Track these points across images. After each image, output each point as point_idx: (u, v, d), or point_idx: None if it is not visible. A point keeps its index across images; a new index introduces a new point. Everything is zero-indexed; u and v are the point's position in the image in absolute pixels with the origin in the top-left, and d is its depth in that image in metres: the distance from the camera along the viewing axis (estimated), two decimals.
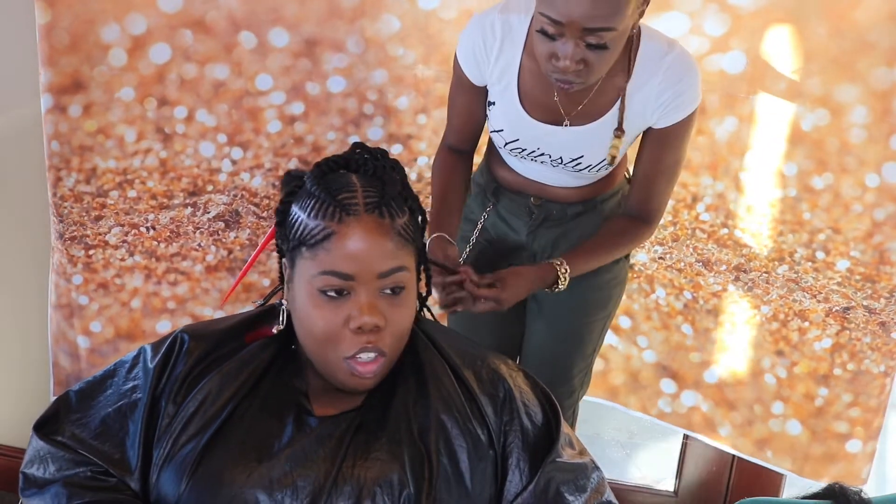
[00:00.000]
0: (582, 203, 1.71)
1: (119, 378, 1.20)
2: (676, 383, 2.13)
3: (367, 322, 1.07)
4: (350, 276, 1.07)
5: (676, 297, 2.07)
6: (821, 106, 1.81)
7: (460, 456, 1.12)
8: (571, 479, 1.16)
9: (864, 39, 1.74)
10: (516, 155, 1.66)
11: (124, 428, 1.16)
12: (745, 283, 1.99)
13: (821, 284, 1.93)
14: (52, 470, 1.16)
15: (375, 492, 1.08)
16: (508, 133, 1.62)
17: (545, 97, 1.58)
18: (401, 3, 1.87)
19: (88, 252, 2.01)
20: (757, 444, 2.09)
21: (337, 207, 1.07)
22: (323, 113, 1.96)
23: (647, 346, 2.14)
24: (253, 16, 1.87)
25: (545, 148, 1.61)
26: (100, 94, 1.89)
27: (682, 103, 1.55)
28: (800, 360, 1.99)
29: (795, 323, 1.97)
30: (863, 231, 1.86)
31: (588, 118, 1.58)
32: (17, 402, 2.24)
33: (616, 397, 2.20)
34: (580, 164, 1.61)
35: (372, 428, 1.13)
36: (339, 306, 1.08)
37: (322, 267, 1.08)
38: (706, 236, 2.00)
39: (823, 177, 1.86)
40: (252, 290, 2.11)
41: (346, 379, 1.11)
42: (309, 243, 1.08)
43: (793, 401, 2.02)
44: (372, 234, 1.07)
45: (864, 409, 1.98)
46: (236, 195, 2.02)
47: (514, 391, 1.18)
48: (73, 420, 1.18)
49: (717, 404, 2.10)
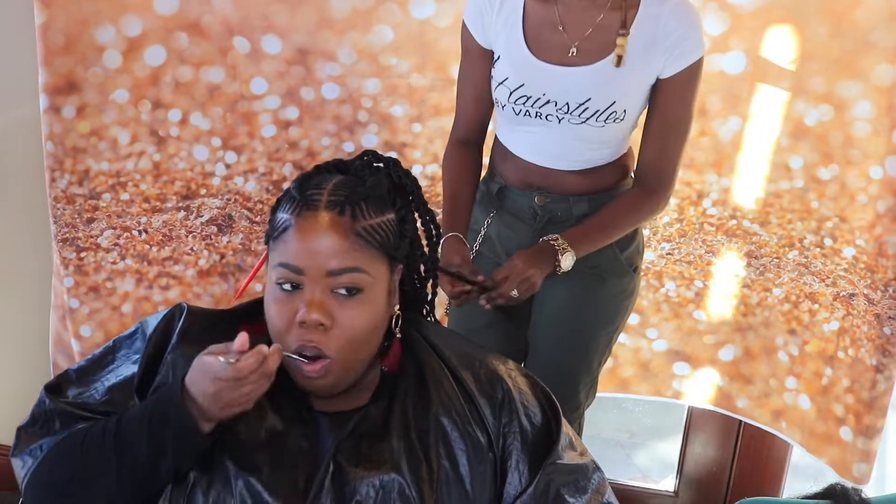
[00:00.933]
0: (587, 200, 1.68)
1: (120, 353, 1.20)
2: (690, 365, 2.13)
3: (309, 318, 1.06)
4: (300, 269, 1.07)
5: (687, 287, 2.07)
6: (824, 102, 1.82)
7: (460, 459, 1.12)
8: (572, 481, 1.15)
9: (865, 39, 1.75)
10: (521, 112, 1.63)
11: (130, 396, 1.15)
12: (756, 268, 2.01)
13: (829, 270, 1.95)
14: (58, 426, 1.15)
15: (377, 493, 1.08)
16: (513, 79, 1.61)
17: (550, 33, 1.58)
18: (393, 13, 1.86)
19: (80, 255, 1.99)
20: (773, 415, 2.11)
21: (300, 202, 1.09)
22: (318, 118, 1.95)
23: (658, 337, 2.12)
24: (246, 21, 1.86)
25: (551, 93, 1.59)
26: (94, 95, 1.88)
27: (688, 48, 1.55)
28: (810, 339, 2.02)
29: (806, 304, 2.00)
30: (867, 221, 1.88)
31: (593, 57, 1.57)
32: (16, 403, 2.19)
33: (627, 388, 2.19)
34: (587, 108, 1.58)
35: (373, 428, 1.13)
36: (292, 300, 1.08)
37: (279, 259, 1.09)
38: (714, 229, 2.00)
39: (829, 168, 1.87)
40: (246, 297, 2.07)
41: (302, 380, 1.10)
42: (273, 235, 1.11)
43: (804, 377, 2.04)
44: (326, 231, 1.07)
45: (856, 399, 1.98)
46: (230, 199, 2.00)
47: (512, 392, 1.17)
48: (75, 394, 1.18)
49: (734, 379, 2.11)
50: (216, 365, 1.00)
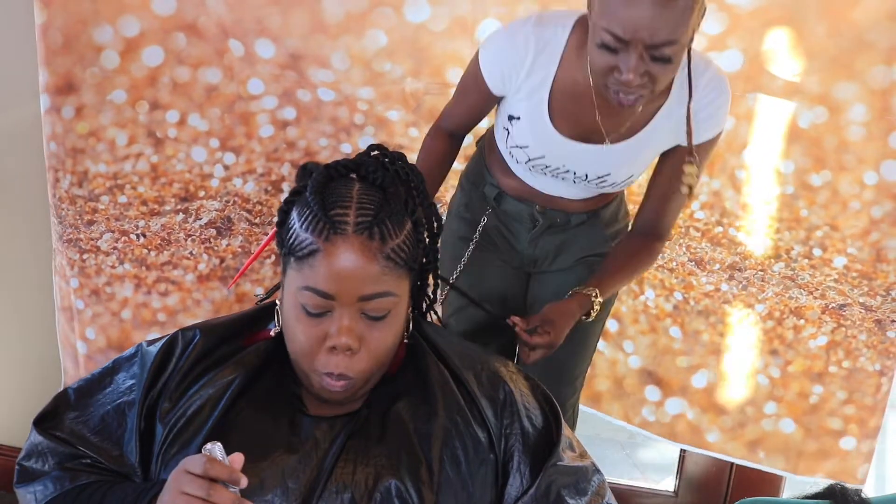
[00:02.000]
0: (587, 212, 1.69)
1: (118, 376, 1.20)
2: (661, 390, 2.10)
3: (341, 343, 1.07)
4: (331, 295, 1.06)
5: (666, 299, 2.05)
6: (819, 104, 1.81)
7: (461, 460, 1.11)
8: (572, 483, 1.15)
9: (863, 39, 1.74)
10: (536, 170, 1.62)
11: (122, 425, 1.16)
12: (740, 281, 1.97)
13: (817, 281, 1.92)
14: (52, 463, 1.17)
15: (375, 497, 1.07)
16: (534, 150, 1.57)
17: (583, 115, 1.52)
18: (387, 17, 1.84)
19: (83, 256, 1.99)
20: (749, 446, 2.07)
21: (327, 224, 1.06)
22: (315, 119, 1.94)
23: (633, 352, 2.11)
24: (239, 24, 1.85)
25: (572, 165, 1.57)
26: (91, 96, 1.87)
27: (715, 123, 1.53)
28: (794, 359, 1.99)
29: (791, 321, 1.97)
30: (860, 228, 1.86)
31: (623, 136, 1.54)
32: (17, 402, 2.21)
33: (599, 404, 2.17)
34: (605, 181, 1.58)
35: (370, 432, 1.12)
36: (319, 323, 1.08)
37: (305, 282, 1.07)
38: (700, 234, 1.98)
39: (821, 174, 1.86)
40: (245, 301, 2.07)
41: (319, 388, 1.11)
42: (297, 255, 1.08)
43: (786, 400, 2.01)
44: (358, 257, 1.05)
45: (858, 407, 1.97)
46: (228, 201, 2.00)
47: (514, 394, 1.17)
48: (72, 418, 1.19)
49: (705, 410, 2.08)
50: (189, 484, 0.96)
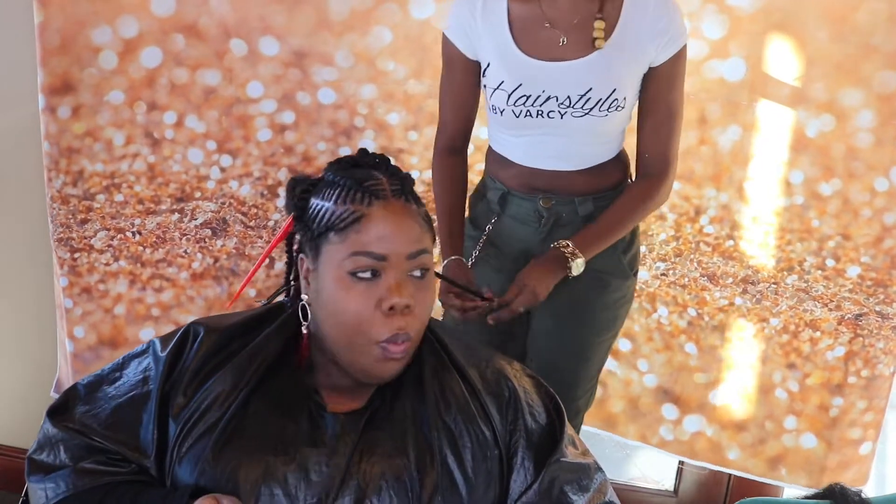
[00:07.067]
0: (592, 200, 1.67)
1: (128, 370, 1.20)
2: (679, 408, 2.06)
3: (399, 302, 1.09)
4: (382, 256, 1.09)
5: (680, 315, 2.01)
6: (825, 111, 1.77)
7: (465, 455, 1.12)
8: (575, 479, 1.16)
9: (867, 43, 1.71)
10: (522, 113, 1.61)
11: (138, 418, 1.16)
12: (753, 295, 1.94)
13: (832, 292, 1.89)
14: (64, 457, 1.16)
15: (381, 486, 1.09)
16: (510, 81, 1.60)
17: (538, 30, 1.58)
18: (392, 13, 1.85)
19: (74, 255, 1.99)
20: (770, 463, 2.03)
21: (365, 192, 1.11)
22: (314, 123, 1.94)
23: (648, 370, 2.06)
24: (244, 23, 1.86)
25: (550, 89, 1.59)
26: (89, 96, 1.88)
27: (676, 34, 1.58)
28: (812, 371, 1.95)
29: (807, 333, 1.93)
30: (873, 236, 1.82)
31: (585, 48, 1.58)
32: (17, 403, 2.21)
33: (614, 427, 2.13)
34: (589, 98, 1.58)
35: (379, 425, 1.14)
36: (370, 288, 1.09)
37: (353, 248, 1.09)
38: (711, 249, 1.95)
39: (831, 183, 1.82)
40: (238, 300, 2.06)
41: (372, 365, 1.11)
42: (338, 227, 1.10)
43: (806, 413, 1.97)
44: (401, 217, 1.11)
45: (875, 412, 1.94)
46: (224, 203, 1.99)
47: (518, 391, 1.19)
48: (83, 412, 1.18)
49: (724, 427, 2.03)
50: None
